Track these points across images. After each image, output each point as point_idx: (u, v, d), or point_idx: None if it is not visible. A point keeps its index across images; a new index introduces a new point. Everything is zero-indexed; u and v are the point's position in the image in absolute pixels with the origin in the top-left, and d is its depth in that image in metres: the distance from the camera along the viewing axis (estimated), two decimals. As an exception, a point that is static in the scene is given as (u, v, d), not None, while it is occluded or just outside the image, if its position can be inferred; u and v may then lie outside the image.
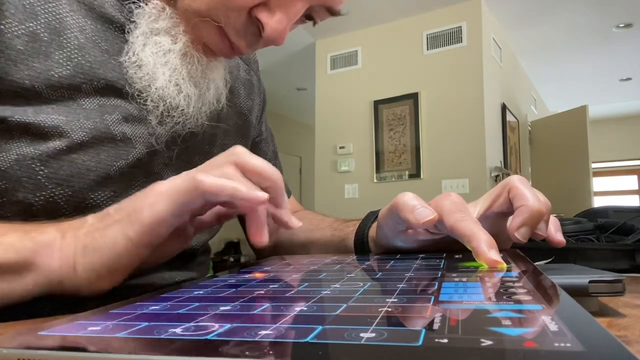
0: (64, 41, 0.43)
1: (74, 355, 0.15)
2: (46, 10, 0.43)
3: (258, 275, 0.34)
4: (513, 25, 3.78)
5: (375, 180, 3.59)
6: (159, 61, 0.47)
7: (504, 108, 3.69)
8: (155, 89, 0.47)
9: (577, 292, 0.30)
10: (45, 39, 0.42)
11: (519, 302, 0.19)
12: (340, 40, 3.85)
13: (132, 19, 0.48)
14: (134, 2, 0.48)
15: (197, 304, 0.22)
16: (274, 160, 0.75)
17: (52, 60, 0.42)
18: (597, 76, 5.06)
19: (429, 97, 3.44)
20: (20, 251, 0.34)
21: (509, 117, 3.81)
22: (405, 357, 0.13)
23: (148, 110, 0.48)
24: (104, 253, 0.34)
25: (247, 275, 0.33)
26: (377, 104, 3.62)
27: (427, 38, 3.49)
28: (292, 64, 4.51)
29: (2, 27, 0.40)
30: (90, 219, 0.37)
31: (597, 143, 5.93)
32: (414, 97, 3.47)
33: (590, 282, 0.31)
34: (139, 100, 0.48)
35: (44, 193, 0.41)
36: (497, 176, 3.25)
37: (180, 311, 0.21)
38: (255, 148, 0.70)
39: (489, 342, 0.13)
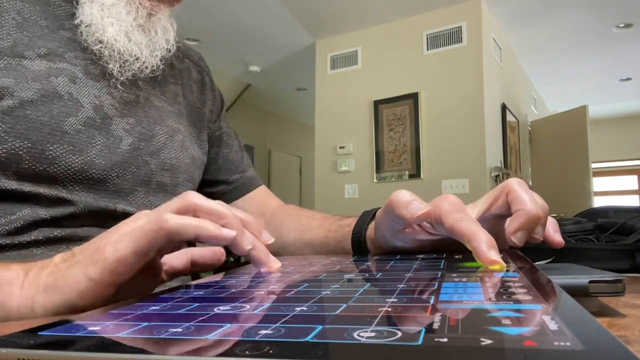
0: (2, 21, 0.49)
1: (74, 355, 0.15)
2: None
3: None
4: (513, 25, 3.78)
5: (375, 180, 3.59)
6: (105, 14, 0.53)
7: (504, 108, 3.69)
8: (107, 39, 0.53)
9: (577, 292, 0.30)
10: None
11: (518, 301, 0.19)
12: (340, 40, 3.85)
13: None
14: None
15: (197, 304, 0.22)
16: (240, 152, 0.78)
17: None
18: (597, 76, 5.06)
19: (429, 97, 3.44)
20: None
21: (509, 117, 3.81)
22: (405, 357, 0.13)
23: (105, 61, 0.54)
24: (65, 292, 0.33)
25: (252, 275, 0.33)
26: (377, 104, 3.62)
27: (427, 38, 3.49)
28: (292, 64, 4.51)
29: None
30: (57, 258, 0.36)
31: (597, 143, 5.93)
32: (414, 97, 3.47)
33: (590, 282, 0.31)
34: (91, 58, 0.53)
35: (5, 146, 0.47)
36: (497, 176, 3.25)
37: (180, 311, 0.21)
38: (217, 141, 0.74)
39: (488, 342, 0.13)
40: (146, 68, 0.56)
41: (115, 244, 0.33)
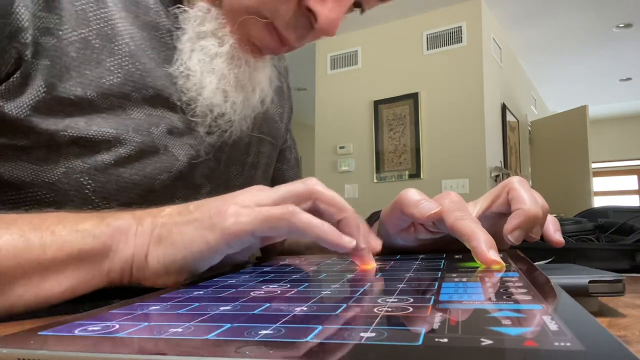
0: (115, 47, 0.43)
1: (74, 355, 0.15)
2: (98, 17, 0.43)
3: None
4: (513, 25, 3.78)
5: (375, 180, 3.59)
6: (206, 69, 0.47)
7: (504, 108, 3.69)
8: (204, 98, 0.47)
9: (577, 292, 0.30)
10: (97, 45, 0.42)
11: (519, 302, 0.19)
12: (340, 40, 3.85)
13: (177, 26, 0.47)
14: (178, 7, 0.47)
15: (197, 304, 0.22)
16: (295, 167, 0.74)
17: (103, 68, 0.42)
18: (597, 76, 5.06)
19: (429, 97, 3.44)
20: (98, 237, 0.34)
21: (509, 117, 3.81)
22: (405, 357, 0.13)
23: (197, 122, 0.48)
24: (179, 249, 0.33)
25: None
26: (377, 104, 3.62)
27: (427, 38, 3.49)
28: (292, 64, 4.49)
29: (61, 32, 0.40)
30: (169, 209, 0.36)
31: (597, 143, 5.93)
32: (414, 97, 3.47)
33: (590, 282, 0.31)
34: (187, 111, 0.47)
35: (90, 207, 0.42)
36: (497, 176, 3.25)
37: (180, 311, 0.21)
38: (280, 156, 0.69)
39: (489, 342, 0.13)
40: (235, 130, 0.50)
41: (238, 217, 0.32)
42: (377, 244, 0.39)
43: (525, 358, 0.12)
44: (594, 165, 4.39)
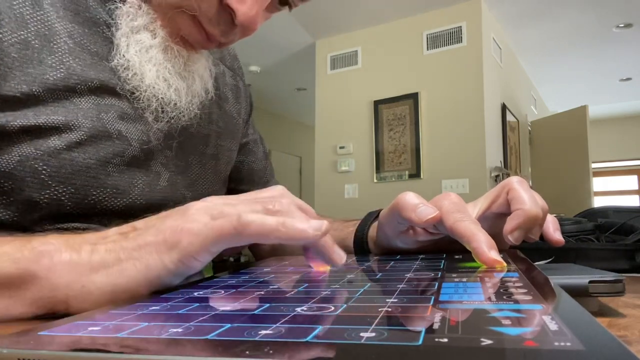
0: (54, 46, 0.45)
1: (74, 355, 0.15)
2: (35, 19, 0.44)
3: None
4: (513, 25, 3.78)
5: (375, 180, 3.59)
6: (144, 58, 0.49)
7: (504, 108, 3.69)
8: (146, 86, 0.49)
9: (577, 292, 0.30)
10: (37, 46, 0.44)
11: (518, 301, 0.19)
12: (340, 40, 3.85)
13: (114, 20, 0.49)
14: (113, 3, 0.49)
15: (197, 304, 0.22)
16: (264, 160, 0.76)
17: (46, 65, 0.44)
18: (597, 76, 5.06)
19: (429, 97, 3.44)
20: (18, 261, 0.31)
21: (509, 117, 3.81)
22: (405, 357, 0.13)
23: (143, 108, 0.50)
24: (131, 277, 0.31)
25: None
26: (377, 104, 3.62)
27: (427, 38, 3.49)
28: (292, 64, 4.51)
29: (0, 35, 0.42)
30: (113, 233, 0.34)
31: (597, 143, 5.92)
32: (414, 97, 3.47)
33: (590, 282, 0.31)
34: (131, 100, 0.49)
35: (48, 191, 0.43)
36: (497, 176, 3.25)
37: (180, 311, 0.21)
38: (244, 149, 0.71)
39: (489, 342, 0.13)
40: (183, 116, 0.53)
41: (192, 236, 0.31)
42: (340, 258, 0.35)
43: (525, 358, 0.12)
44: (594, 165, 4.39)
